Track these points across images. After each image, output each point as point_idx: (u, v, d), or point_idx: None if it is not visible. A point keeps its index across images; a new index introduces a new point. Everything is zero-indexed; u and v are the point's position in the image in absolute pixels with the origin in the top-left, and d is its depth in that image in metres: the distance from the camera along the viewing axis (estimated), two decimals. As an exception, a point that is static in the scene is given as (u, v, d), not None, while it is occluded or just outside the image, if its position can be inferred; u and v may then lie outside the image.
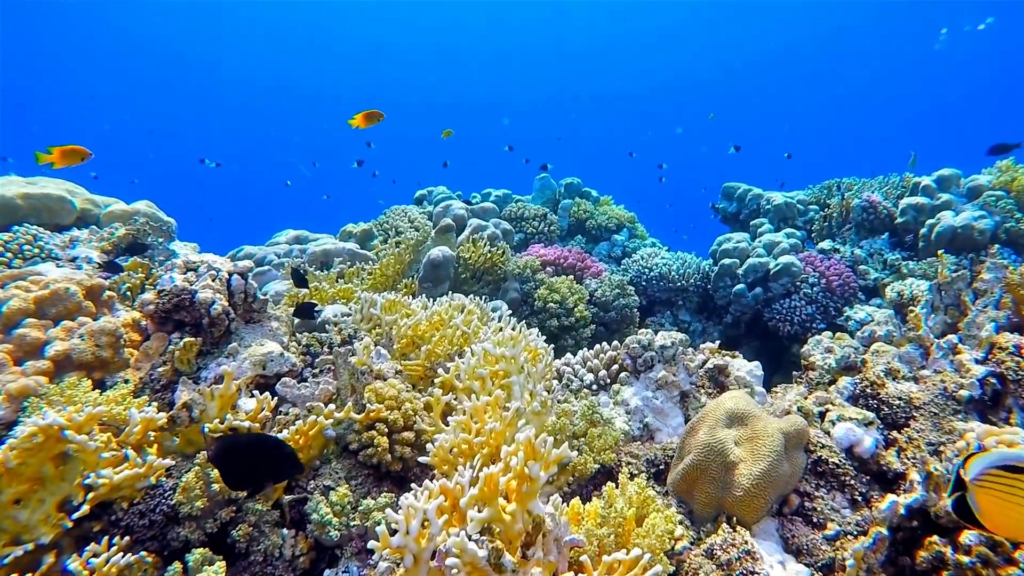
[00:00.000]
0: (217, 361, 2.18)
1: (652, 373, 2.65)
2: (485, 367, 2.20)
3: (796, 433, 1.97)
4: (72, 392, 1.75)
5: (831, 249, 5.45)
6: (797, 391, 2.32)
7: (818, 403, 2.14)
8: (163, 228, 3.68)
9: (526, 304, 4.41)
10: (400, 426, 2.18)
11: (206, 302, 2.17)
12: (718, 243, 5.76)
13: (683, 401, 2.67)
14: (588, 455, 2.09)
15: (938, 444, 1.89)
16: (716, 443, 1.95)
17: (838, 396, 2.19)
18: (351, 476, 2.17)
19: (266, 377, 2.27)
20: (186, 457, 1.91)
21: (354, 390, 2.26)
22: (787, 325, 5.04)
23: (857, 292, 5.02)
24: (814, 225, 5.98)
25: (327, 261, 4.27)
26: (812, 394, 2.21)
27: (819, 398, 2.15)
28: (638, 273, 5.65)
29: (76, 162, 3.49)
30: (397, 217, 5.57)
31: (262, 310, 2.41)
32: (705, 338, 5.64)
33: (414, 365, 2.55)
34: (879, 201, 5.25)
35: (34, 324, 2.07)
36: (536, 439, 1.33)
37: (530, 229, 6.16)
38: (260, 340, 2.31)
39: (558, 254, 4.91)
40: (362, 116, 4.14)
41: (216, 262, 2.30)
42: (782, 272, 5.09)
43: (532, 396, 2.24)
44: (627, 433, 2.51)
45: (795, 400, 2.15)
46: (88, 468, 1.61)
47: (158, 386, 2.12)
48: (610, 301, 4.56)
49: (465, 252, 4.26)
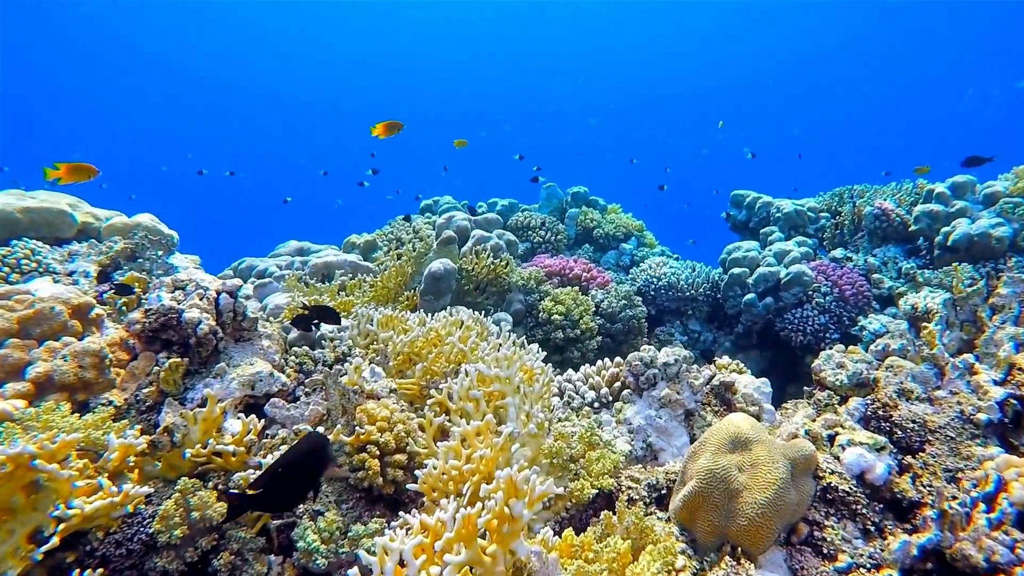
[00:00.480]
0: (204, 382, 2.12)
1: (655, 391, 2.56)
2: (479, 388, 2.13)
3: (803, 459, 1.87)
4: (48, 417, 1.69)
5: (843, 257, 5.33)
6: (805, 413, 2.22)
7: (827, 426, 2.04)
8: (163, 241, 3.64)
9: (531, 316, 4.33)
10: (392, 448, 2.10)
11: (192, 322, 2.11)
12: (727, 252, 5.66)
13: (688, 420, 2.58)
14: (586, 480, 2.01)
15: (955, 471, 1.79)
16: (719, 469, 1.86)
17: (848, 418, 2.09)
18: (342, 499, 2.10)
19: (256, 397, 2.21)
20: (168, 482, 1.85)
21: (345, 411, 2.19)
22: (800, 335, 4.92)
23: (871, 301, 4.90)
24: (825, 233, 5.86)
25: (328, 273, 4.22)
26: (820, 416, 2.11)
27: (828, 421, 2.05)
28: (646, 282, 5.56)
29: (84, 179, 3.48)
30: (402, 228, 5.52)
31: (252, 328, 2.35)
32: (715, 348, 5.53)
33: (409, 384, 2.48)
34: (892, 208, 5.12)
35: (16, 344, 2.03)
36: (519, 475, 1.25)
37: (536, 239, 6.09)
38: (250, 359, 2.25)
39: (563, 264, 4.83)
40: (383, 126, 4.17)
41: (204, 280, 2.25)
42: (793, 281, 4.98)
43: (528, 418, 2.16)
44: (630, 453, 2.42)
45: (802, 423, 2.05)
46: (61, 497, 1.55)
47: (144, 407, 2.06)
48: (617, 312, 4.47)
49: (468, 264, 4.20)
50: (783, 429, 2.13)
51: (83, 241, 3.73)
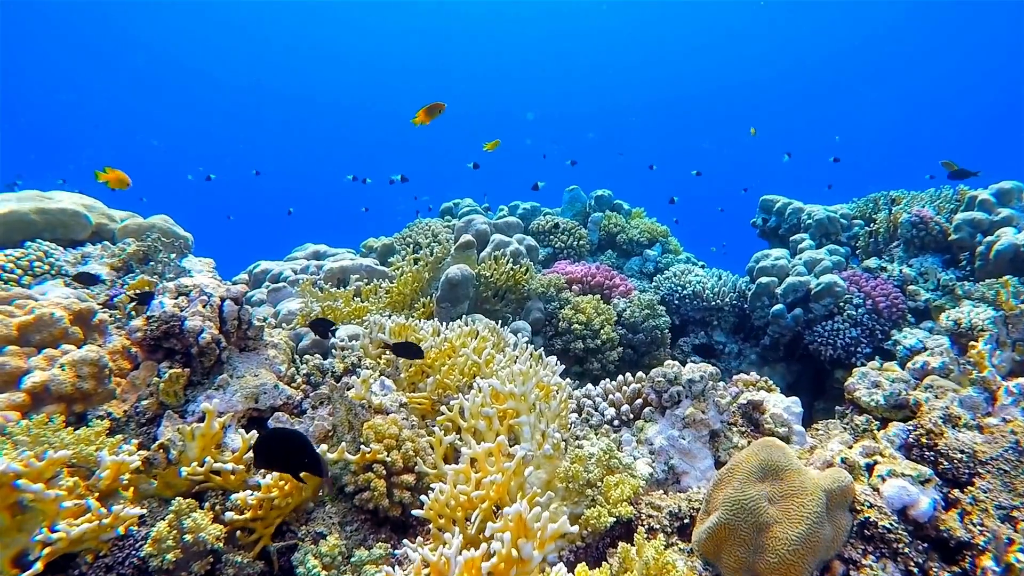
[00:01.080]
0: (206, 394, 2.04)
1: (679, 410, 2.43)
2: (492, 406, 2.01)
3: (840, 491, 1.73)
4: (40, 431, 1.62)
5: (878, 267, 5.12)
6: (840, 439, 2.07)
7: (865, 453, 1.88)
8: (176, 244, 3.59)
9: (550, 325, 4.21)
10: (399, 467, 2.00)
11: (194, 331, 2.03)
12: (755, 260, 5.47)
13: (713, 441, 2.44)
14: (603, 507, 1.88)
15: (1010, 508, 1.63)
16: (747, 500, 1.72)
17: (888, 445, 1.93)
18: (346, 521, 2.00)
19: (260, 411, 2.12)
20: (164, 501, 1.77)
21: (352, 427, 2.09)
22: (829, 349, 4.72)
23: (906, 314, 4.69)
24: (859, 241, 5.64)
25: (344, 278, 4.14)
26: (858, 443, 1.96)
27: (866, 448, 1.90)
28: (670, 291, 5.40)
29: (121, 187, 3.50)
30: (420, 231, 5.43)
31: (258, 337, 2.27)
32: (741, 360, 5.36)
33: (420, 398, 2.37)
34: (931, 216, 4.90)
35: (15, 352, 1.96)
36: (529, 512, 1.13)
37: (558, 244, 5.96)
38: (254, 370, 2.16)
39: (585, 271, 4.70)
40: (424, 111, 4.06)
41: (208, 286, 2.17)
42: (824, 292, 4.79)
43: (544, 438, 2.04)
44: (650, 476, 2.29)
45: (838, 450, 1.90)
46: (48, 519, 1.47)
47: (143, 419, 1.98)
48: (639, 322, 4.33)
49: (487, 270, 4.09)
50: (816, 455, 1.98)
51: (97, 243, 3.69)
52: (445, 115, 4.13)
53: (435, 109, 4.07)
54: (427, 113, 4.06)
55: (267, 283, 4.19)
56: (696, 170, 10.64)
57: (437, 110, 4.09)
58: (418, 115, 4.06)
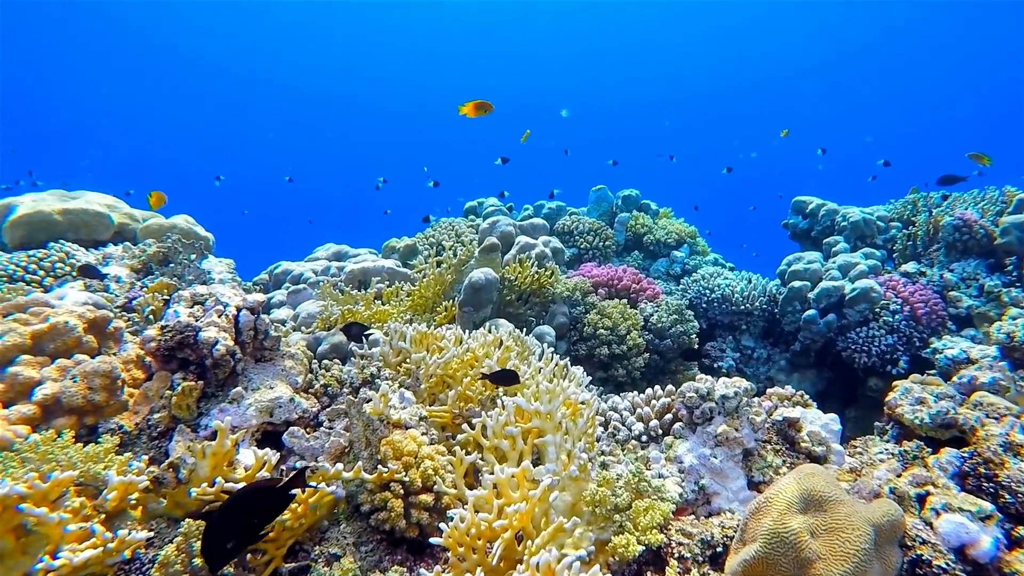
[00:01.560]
0: (220, 407, 1.97)
1: (711, 427, 2.31)
2: (516, 424, 1.92)
3: (889, 525, 1.60)
4: (47, 448, 1.56)
5: (916, 272, 4.91)
6: (889, 466, 1.93)
7: (916, 483, 1.75)
8: (196, 245, 3.55)
9: (575, 329, 4.10)
10: (418, 487, 1.92)
11: (209, 342, 1.96)
12: (787, 263, 5.30)
13: (746, 460, 2.31)
14: (631, 534, 1.78)
15: (1079, 550, 1.49)
16: (788, 533, 1.60)
17: (940, 474, 1.80)
18: (361, 541, 1.92)
19: (275, 424, 2.05)
20: (174, 521, 1.70)
21: (369, 443, 2.01)
22: (863, 356, 4.55)
23: (946, 321, 4.49)
24: (896, 244, 5.43)
25: (365, 280, 4.07)
26: (908, 471, 1.82)
27: (917, 477, 1.76)
28: (698, 294, 5.25)
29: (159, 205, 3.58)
30: (444, 231, 5.35)
31: (274, 348, 2.20)
32: (770, 366, 5.19)
33: (440, 412, 2.28)
34: (975, 219, 4.69)
35: (28, 362, 1.91)
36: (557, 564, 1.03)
37: (584, 244, 5.84)
38: (270, 382, 2.09)
39: (611, 274, 4.57)
40: (472, 105, 4.13)
41: (224, 295, 2.10)
42: (859, 298, 4.61)
43: (570, 458, 1.95)
44: (680, 496, 2.18)
45: (886, 479, 1.77)
46: (52, 542, 1.41)
47: (155, 433, 1.92)
48: (666, 328, 4.20)
49: (511, 273, 3.99)
50: (863, 483, 1.85)
51: (119, 243, 3.67)
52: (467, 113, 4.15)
53: (483, 107, 4.13)
54: (475, 108, 4.11)
55: (287, 284, 4.14)
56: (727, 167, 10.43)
57: (484, 108, 4.14)
58: (466, 106, 4.12)
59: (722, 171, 9.85)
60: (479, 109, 4.15)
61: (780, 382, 5.05)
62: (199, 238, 3.90)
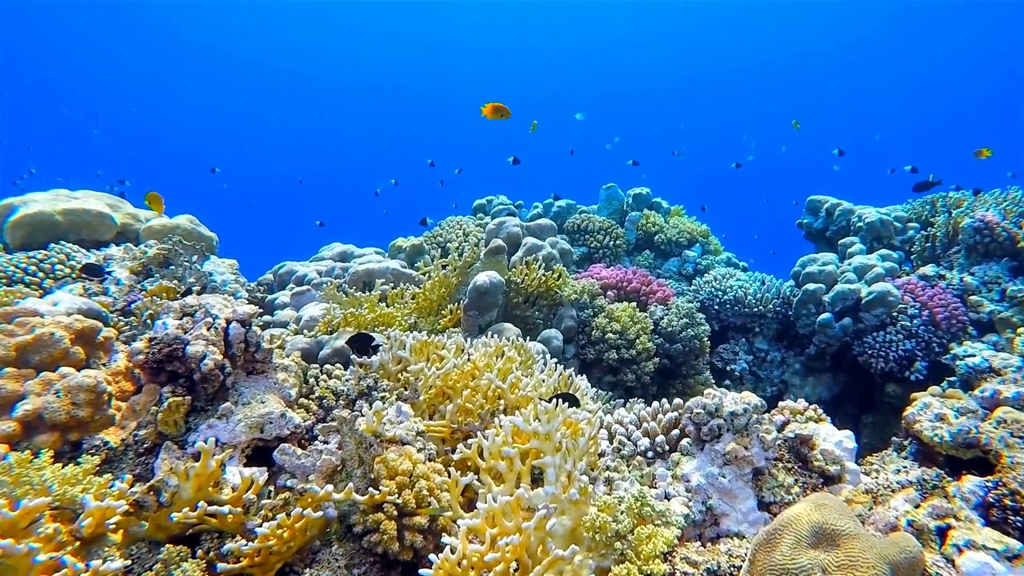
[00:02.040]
0: (208, 423, 1.91)
1: (719, 444, 2.21)
2: (514, 445, 1.84)
3: (907, 563, 1.51)
4: (21, 471, 1.50)
5: (935, 275, 4.77)
6: (906, 496, 1.83)
7: (936, 515, 1.65)
8: (198, 246, 3.50)
9: (583, 333, 4.01)
10: (412, 508, 1.84)
11: (196, 356, 1.90)
12: (801, 264, 5.17)
13: (756, 479, 2.22)
14: (633, 563, 1.69)
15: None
16: (798, 570, 1.51)
17: (963, 505, 1.69)
18: (353, 564, 1.85)
19: (266, 440, 1.98)
20: (155, 544, 1.64)
21: (362, 461, 1.94)
22: (881, 361, 4.43)
23: (967, 327, 4.36)
24: (914, 246, 5.28)
25: (370, 281, 4.01)
26: (927, 501, 1.72)
27: (937, 509, 1.66)
28: (710, 296, 5.14)
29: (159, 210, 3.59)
30: (451, 230, 5.27)
31: (266, 360, 2.13)
32: (784, 369, 5.08)
33: (439, 427, 2.21)
34: (997, 221, 4.53)
35: (12, 375, 1.86)
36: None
37: (594, 243, 5.73)
38: (261, 396, 2.03)
39: (620, 276, 4.47)
40: (491, 107, 4.31)
41: (215, 307, 2.03)
42: (876, 301, 4.48)
43: (570, 480, 1.86)
44: (687, 517, 2.09)
45: (904, 511, 1.67)
46: (21, 574, 1.35)
47: (141, 449, 1.87)
48: (677, 332, 4.09)
49: (517, 275, 3.90)
50: (878, 514, 1.75)
51: (121, 244, 3.63)
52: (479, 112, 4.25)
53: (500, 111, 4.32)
54: (492, 110, 4.30)
55: (291, 285, 4.08)
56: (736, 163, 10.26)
57: (501, 113, 4.33)
58: (486, 107, 4.30)
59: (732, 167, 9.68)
60: (496, 112, 4.30)
61: (794, 386, 4.95)
62: (202, 239, 3.85)
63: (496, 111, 4.31)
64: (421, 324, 3.66)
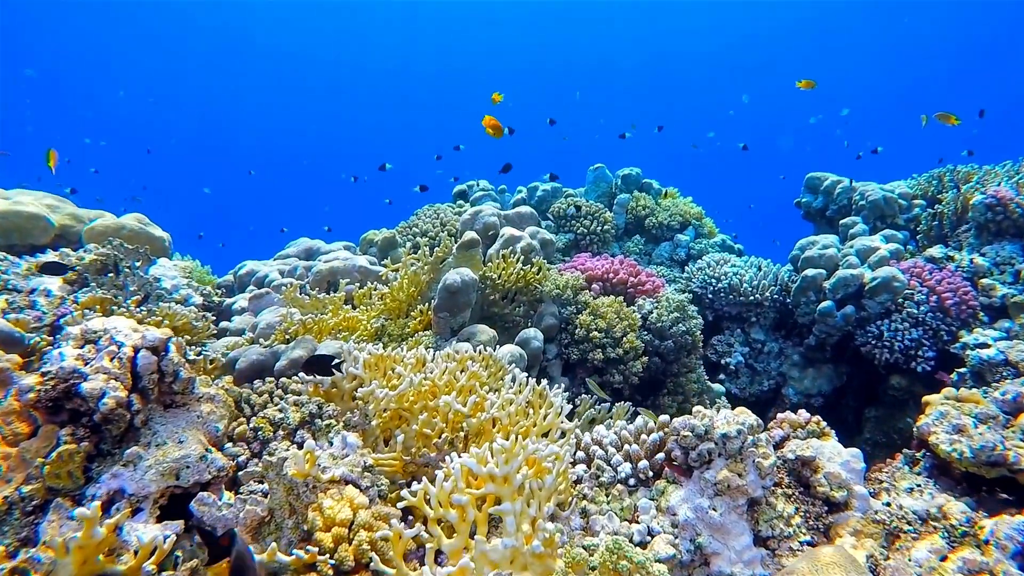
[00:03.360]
0: (112, 471, 1.63)
1: (710, 472, 1.94)
2: (466, 492, 1.56)
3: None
4: None
5: (944, 257, 4.48)
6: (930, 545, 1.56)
7: (967, 571, 1.38)
8: (141, 250, 3.19)
9: (565, 332, 3.73)
10: (350, 566, 1.57)
11: (94, 394, 1.61)
12: (800, 247, 4.88)
13: (752, 511, 1.96)
14: (607, 631, 1.43)
15: None
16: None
17: (1000, 557, 1.42)
18: (284, 632, 1.59)
19: (184, 487, 1.70)
20: (34, 632, 1.37)
21: (293, 510, 1.67)
22: (885, 352, 4.16)
23: (978, 312, 4.08)
24: (920, 225, 4.99)
25: (335, 281, 3.71)
26: (956, 552, 1.45)
27: (969, 564, 1.39)
28: (703, 284, 4.86)
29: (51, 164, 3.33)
30: (427, 220, 4.95)
31: (187, 391, 1.85)
32: (782, 361, 4.81)
33: (388, 460, 1.94)
34: (1011, 197, 4.23)
35: None
36: None
37: (580, 229, 5.41)
38: (180, 435, 1.75)
39: (607, 267, 4.17)
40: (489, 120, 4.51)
41: (120, 332, 1.74)
42: (880, 288, 4.20)
43: (534, 528, 1.59)
44: (673, 558, 1.83)
45: (928, 567, 1.40)
46: None
47: (29, 507, 1.58)
48: (667, 327, 3.81)
49: (494, 271, 3.60)
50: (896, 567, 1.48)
51: (59, 248, 3.32)
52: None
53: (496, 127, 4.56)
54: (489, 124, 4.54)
55: (251, 287, 3.79)
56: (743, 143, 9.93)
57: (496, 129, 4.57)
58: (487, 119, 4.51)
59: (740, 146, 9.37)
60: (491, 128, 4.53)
61: (793, 378, 4.69)
62: (151, 240, 3.54)
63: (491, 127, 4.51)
64: (389, 328, 3.37)
